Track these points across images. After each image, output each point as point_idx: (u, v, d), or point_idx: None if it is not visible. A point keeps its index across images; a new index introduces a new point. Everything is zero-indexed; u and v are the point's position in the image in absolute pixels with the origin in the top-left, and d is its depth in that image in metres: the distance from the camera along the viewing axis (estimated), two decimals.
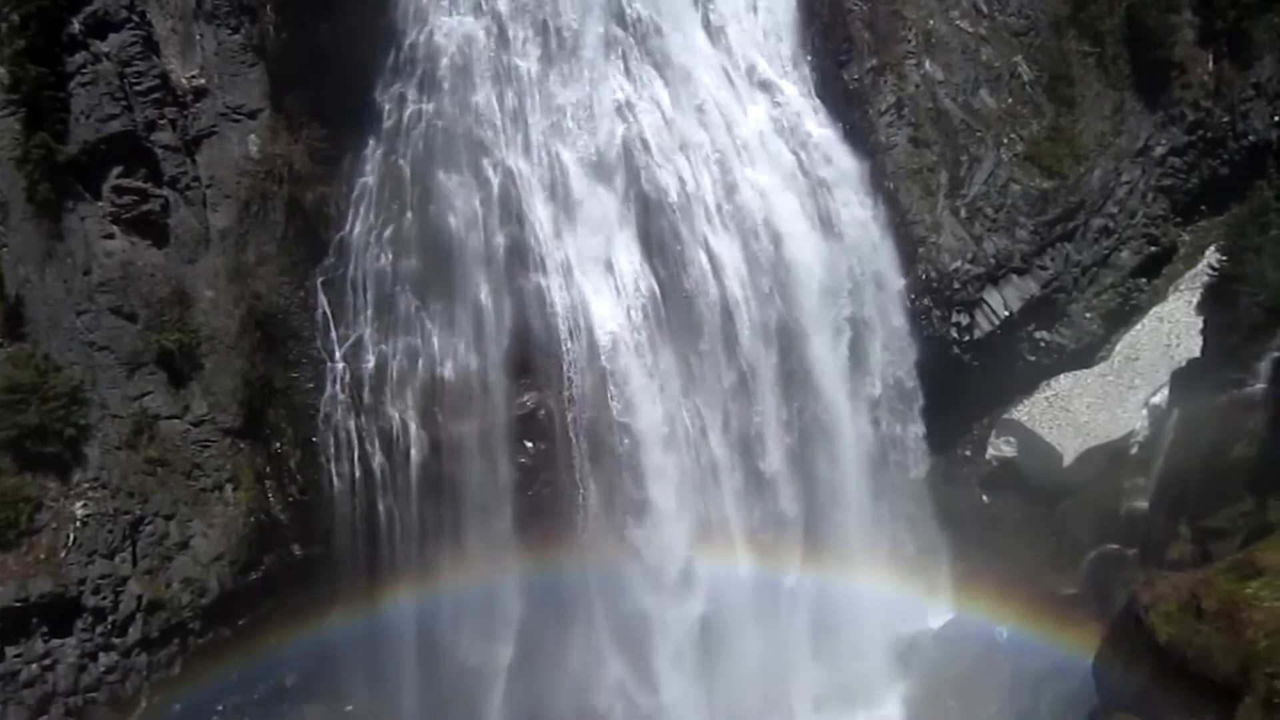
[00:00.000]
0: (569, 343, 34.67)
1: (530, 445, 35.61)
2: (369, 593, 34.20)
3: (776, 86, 38.06)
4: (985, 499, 40.93)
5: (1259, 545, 26.02)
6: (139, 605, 30.41)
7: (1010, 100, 41.04)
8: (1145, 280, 43.15)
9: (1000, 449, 40.91)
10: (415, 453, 34.32)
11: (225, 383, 32.20)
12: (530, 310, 34.84)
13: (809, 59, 38.93)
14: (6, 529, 29.17)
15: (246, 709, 33.04)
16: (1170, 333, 41.53)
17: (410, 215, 34.46)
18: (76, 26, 30.54)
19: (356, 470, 33.93)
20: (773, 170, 37.39)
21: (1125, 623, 26.57)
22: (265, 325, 32.80)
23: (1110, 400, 40.37)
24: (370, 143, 34.68)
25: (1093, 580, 36.00)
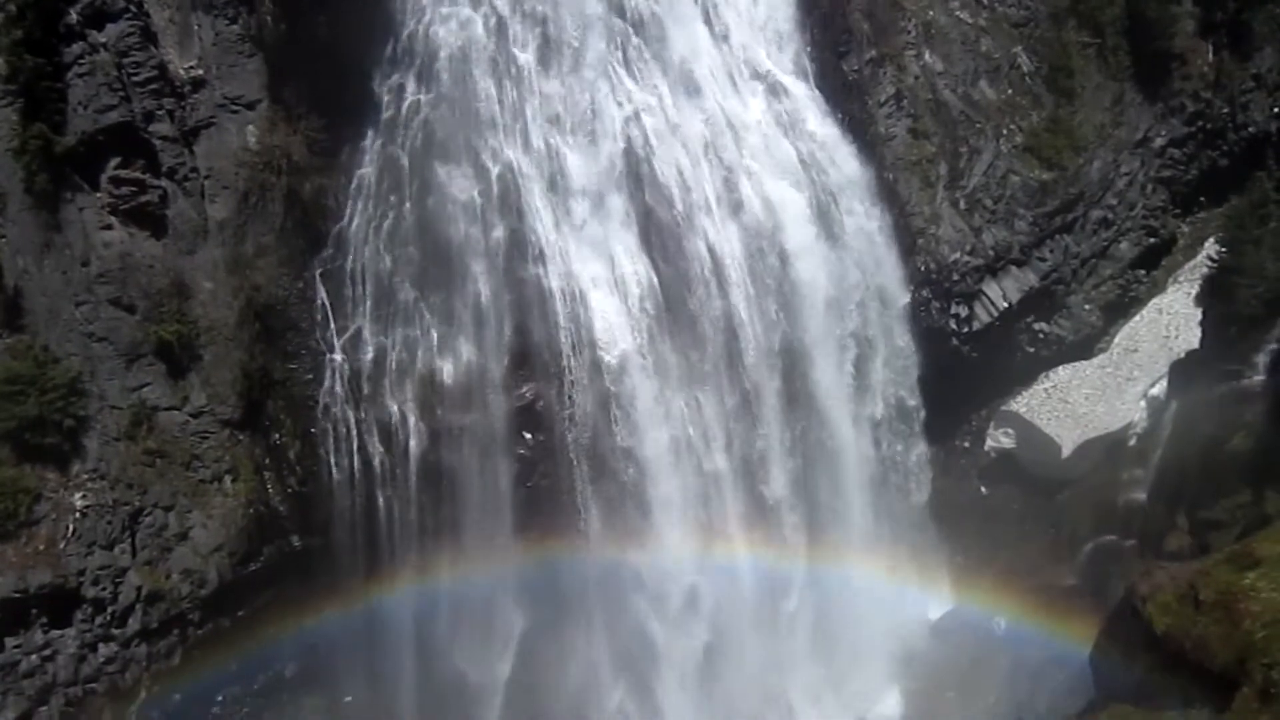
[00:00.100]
0: (567, 334, 34.68)
1: (529, 437, 35.63)
2: (368, 584, 34.24)
3: (778, 81, 38.01)
4: (983, 490, 40.98)
5: (1256, 536, 26.09)
6: (138, 596, 30.38)
7: (1010, 91, 41.01)
8: (1144, 272, 43.20)
9: (999, 440, 40.95)
10: (414, 444, 34.34)
11: (224, 374, 32.13)
12: (529, 303, 34.81)
13: (808, 50, 38.90)
14: (6, 520, 29.10)
15: (246, 699, 33.06)
16: (1169, 324, 41.60)
17: (409, 207, 34.46)
18: (74, 17, 30.42)
19: (355, 462, 33.93)
20: (773, 162, 37.37)
21: (1123, 613, 26.67)
22: (264, 317, 32.73)
23: (1109, 392, 40.43)
24: (369, 134, 34.67)
25: (1091, 571, 36.05)
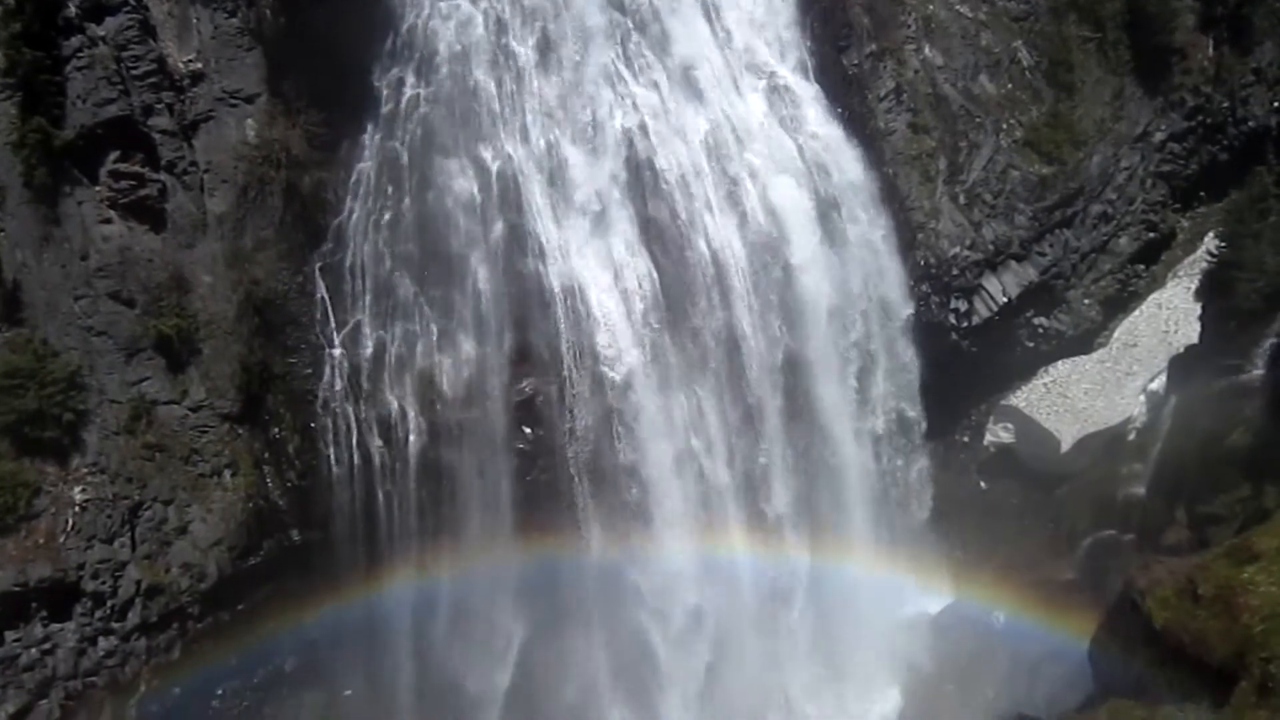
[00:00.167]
0: (567, 331, 34.66)
1: (528, 431, 35.60)
2: (367, 579, 34.23)
3: (779, 77, 37.95)
4: (983, 485, 41.00)
5: (1255, 531, 26.03)
6: (138, 590, 30.36)
7: (1010, 86, 40.96)
8: (1144, 266, 43.19)
9: (998, 435, 40.95)
10: (413, 439, 34.32)
11: (223, 368, 32.09)
12: (529, 298, 34.78)
13: (808, 45, 38.83)
14: (5, 514, 29.08)
15: (245, 694, 33.05)
16: (1168, 319, 41.60)
17: (408, 201, 34.42)
18: (73, 10, 30.36)
19: (355, 456, 33.92)
20: (774, 161, 37.30)
21: (1122, 608, 26.66)
22: (263, 311, 32.70)
23: (1108, 386, 40.44)
24: (368, 128, 34.61)
25: (1090, 566, 36.01)
